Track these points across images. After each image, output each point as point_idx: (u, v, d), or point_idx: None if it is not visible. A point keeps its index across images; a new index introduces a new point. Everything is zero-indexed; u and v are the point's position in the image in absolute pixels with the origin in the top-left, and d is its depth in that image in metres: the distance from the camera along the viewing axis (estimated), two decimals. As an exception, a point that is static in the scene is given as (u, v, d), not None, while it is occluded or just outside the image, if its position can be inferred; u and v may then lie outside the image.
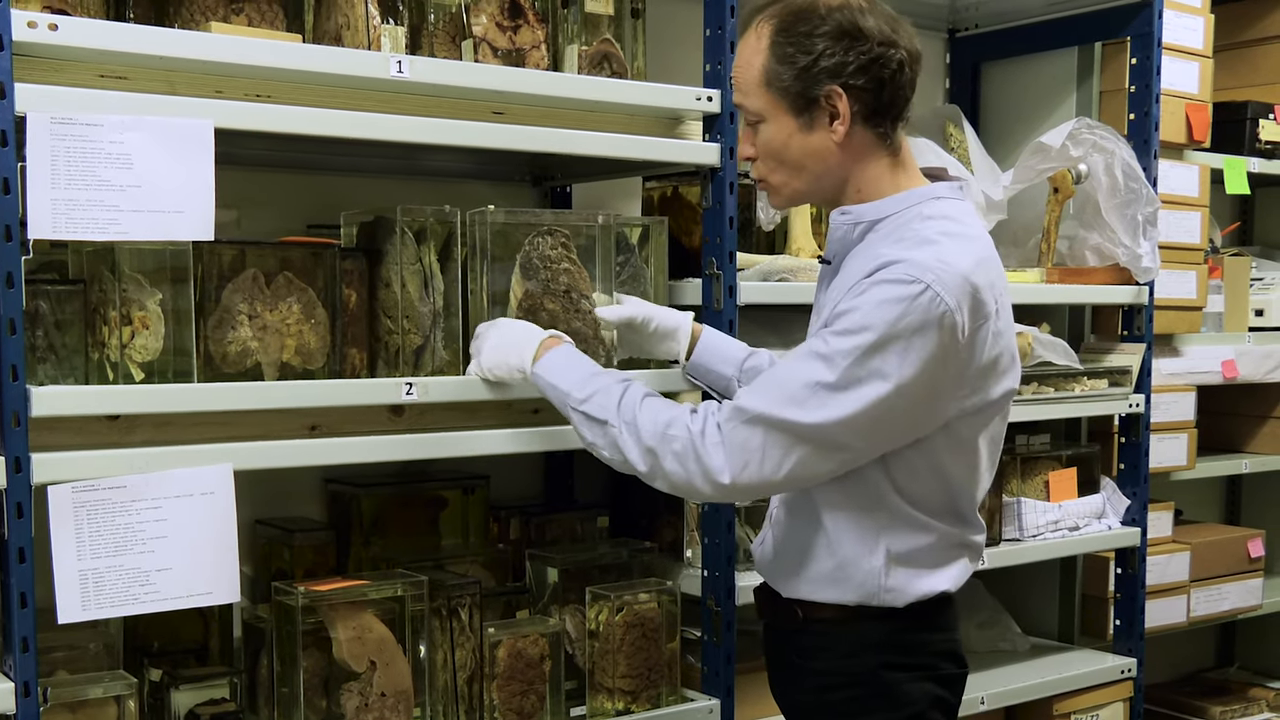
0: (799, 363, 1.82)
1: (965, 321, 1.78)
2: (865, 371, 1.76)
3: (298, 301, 2.09)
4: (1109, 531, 3.18)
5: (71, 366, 1.94)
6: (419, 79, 2.08)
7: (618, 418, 1.89)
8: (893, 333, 1.75)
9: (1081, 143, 3.09)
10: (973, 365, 1.83)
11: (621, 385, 1.93)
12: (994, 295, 1.84)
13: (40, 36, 1.78)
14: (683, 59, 2.63)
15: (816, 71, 1.84)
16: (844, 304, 1.80)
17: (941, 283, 1.76)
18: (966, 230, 1.88)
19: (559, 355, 2.02)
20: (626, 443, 1.88)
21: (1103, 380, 3.13)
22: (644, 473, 1.88)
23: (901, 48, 1.86)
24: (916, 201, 1.90)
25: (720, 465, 1.81)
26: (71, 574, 1.82)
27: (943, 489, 1.90)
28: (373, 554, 2.54)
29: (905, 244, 1.82)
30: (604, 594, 2.41)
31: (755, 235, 2.77)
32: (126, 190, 1.84)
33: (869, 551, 1.89)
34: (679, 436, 1.83)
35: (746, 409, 1.81)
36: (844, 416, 1.77)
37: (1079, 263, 3.23)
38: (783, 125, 1.89)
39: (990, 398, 1.88)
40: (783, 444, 1.79)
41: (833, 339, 1.78)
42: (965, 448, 1.90)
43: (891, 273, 1.77)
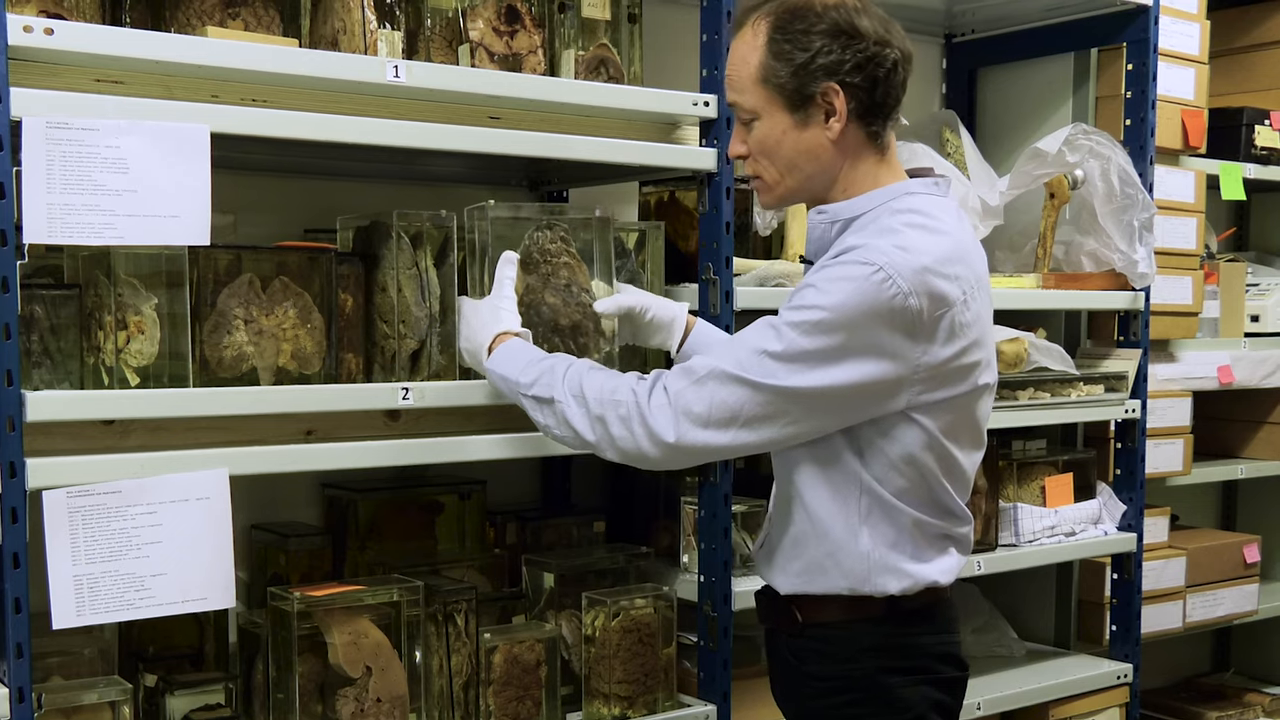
0: (751, 332, 1.86)
1: (923, 306, 1.79)
2: (811, 348, 1.78)
3: (294, 306, 2.09)
4: (1105, 537, 3.18)
5: (67, 371, 1.94)
6: (415, 84, 2.08)
7: (563, 392, 1.90)
8: (842, 313, 1.78)
9: (1078, 148, 3.09)
10: (931, 353, 1.82)
11: (566, 361, 1.94)
12: (960, 287, 1.84)
13: (36, 41, 1.78)
14: (679, 64, 2.63)
15: (814, 69, 1.85)
16: (802, 283, 1.85)
17: (894, 266, 1.78)
18: (936, 225, 1.88)
19: (506, 349, 2.02)
20: (574, 415, 1.89)
21: (1099, 386, 3.13)
22: (593, 443, 1.89)
23: (895, 47, 1.89)
24: (890, 198, 1.92)
25: (665, 426, 1.83)
26: (66, 579, 1.82)
27: (918, 480, 1.90)
28: (369, 559, 2.54)
29: (868, 233, 1.86)
30: (600, 599, 2.40)
31: (752, 240, 2.77)
32: (122, 195, 1.84)
33: (853, 537, 1.90)
34: (624, 401, 1.85)
35: (694, 370, 1.84)
36: (787, 386, 1.80)
37: (1075, 268, 3.23)
38: (777, 122, 1.90)
39: (955, 391, 1.87)
40: (728, 406, 1.81)
41: (786, 312, 1.82)
42: (934, 441, 1.89)
43: (848, 256, 1.81)
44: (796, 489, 1.94)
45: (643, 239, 2.50)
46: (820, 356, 1.79)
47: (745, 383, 1.81)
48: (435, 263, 2.23)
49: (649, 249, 2.49)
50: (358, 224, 2.29)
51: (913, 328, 1.80)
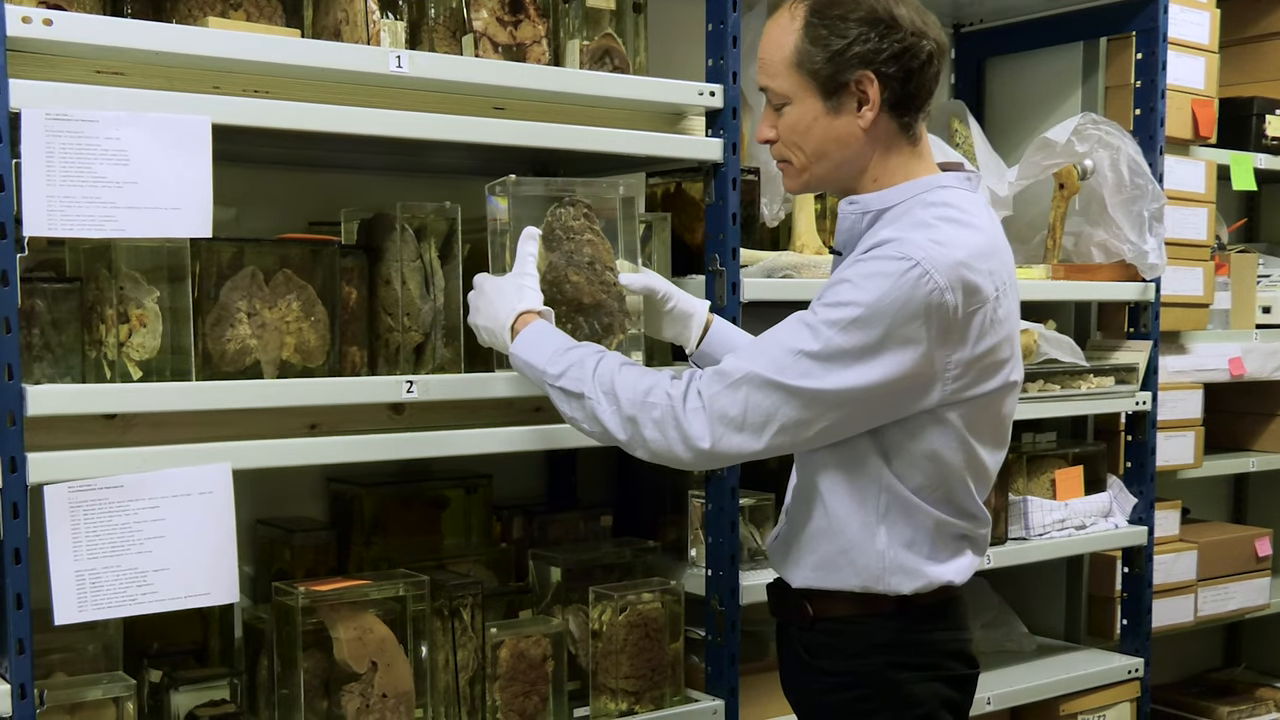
0: (785, 331, 1.82)
1: (958, 302, 1.77)
2: (848, 345, 1.76)
3: (297, 299, 2.08)
4: (1115, 530, 3.16)
5: (68, 365, 1.92)
6: (419, 74, 2.06)
7: (594, 388, 1.87)
8: (879, 308, 1.75)
9: (1087, 138, 3.07)
10: (965, 349, 1.81)
11: (596, 355, 1.91)
12: (993, 282, 1.83)
13: (35, 32, 1.76)
14: (685, 54, 2.61)
15: (850, 56, 1.84)
16: (835, 277, 1.82)
17: (931, 261, 1.76)
18: (969, 219, 1.86)
19: (532, 332, 1.97)
20: (605, 412, 1.86)
21: (1109, 378, 3.11)
22: (624, 441, 1.87)
23: (931, 39, 1.87)
24: (922, 190, 1.90)
25: (700, 431, 1.80)
26: (68, 575, 1.80)
27: (940, 478, 1.88)
28: (374, 554, 2.52)
29: (901, 226, 1.83)
30: (607, 594, 2.39)
31: (759, 231, 2.75)
32: (123, 187, 1.82)
33: (870, 535, 1.88)
34: (658, 404, 1.82)
35: (729, 373, 1.81)
36: (825, 386, 1.77)
37: (1085, 259, 3.21)
38: (809, 108, 1.88)
39: (986, 388, 1.86)
40: (765, 408, 1.79)
41: (820, 309, 1.80)
42: (960, 439, 1.87)
43: (883, 250, 1.79)
44: (815, 484, 1.92)
45: (648, 231, 2.48)
46: (857, 354, 1.76)
47: (781, 387, 1.78)
48: (440, 255, 2.21)
49: (654, 241, 2.47)
50: (362, 216, 2.28)
51: (948, 323, 1.78)
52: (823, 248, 2.76)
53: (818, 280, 2.52)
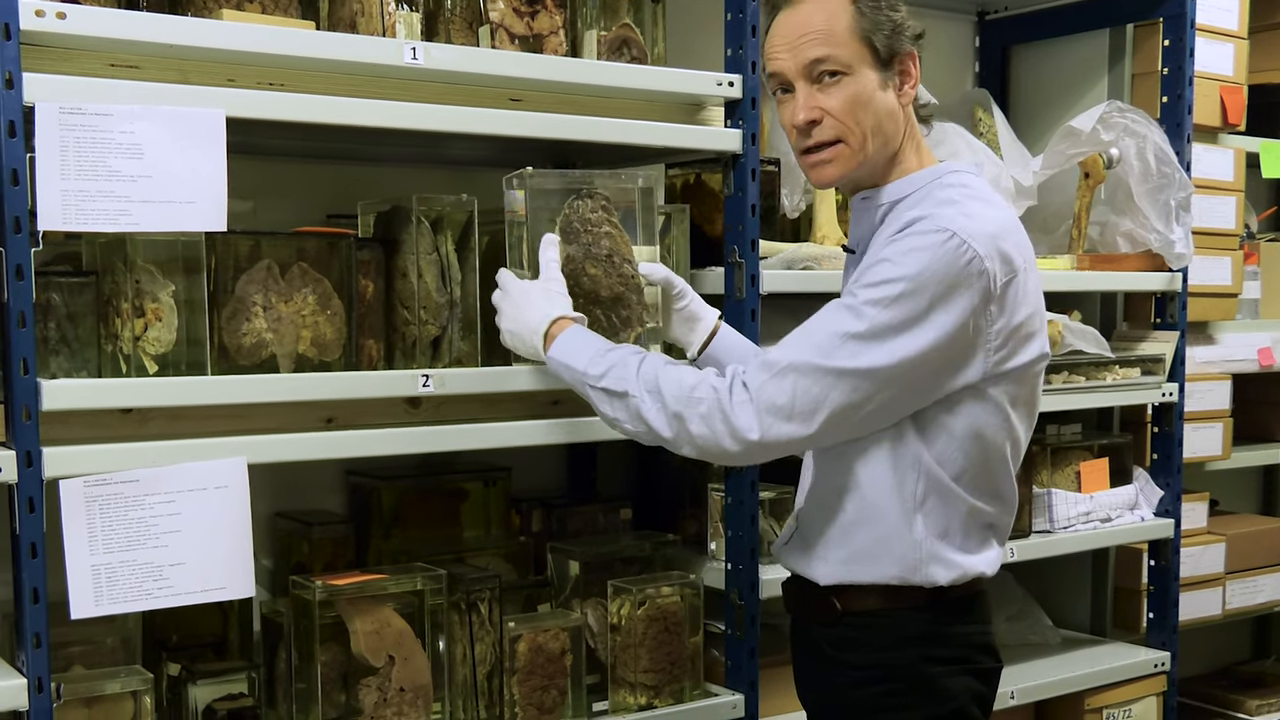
0: (827, 315, 1.82)
1: (996, 270, 1.78)
2: (895, 319, 1.75)
3: (313, 292, 2.07)
4: (1142, 523, 3.13)
5: (84, 359, 1.92)
6: (434, 66, 2.05)
7: (638, 386, 1.86)
8: (921, 280, 1.75)
9: (1113, 126, 3.04)
10: (1003, 319, 1.82)
11: (638, 355, 1.90)
12: (1021, 254, 1.84)
13: (49, 25, 1.76)
14: (704, 44, 2.59)
15: (904, 32, 1.88)
16: (872, 258, 1.81)
17: (967, 231, 1.77)
18: (990, 198, 1.89)
19: (570, 337, 1.97)
20: (650, 410, 1.84)
21: (1135, 369, 3.08)
22: (669, 439, 1.85)
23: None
24: (935, 177, 1.91)
25: (749, 423, 1.78)
26: (84, 569, 1.80)
27: (981, 460, 1.88)
28: (393, 546, 2.52)
29: (927, 205, 1.84)
30: (626, 587, 2.38)
31: (780, 223, 2.73)
32: (137, 181, 1.82)
33: (907, 524, 1.87)
34: (705, 398, 1.81)
35: (774, 362, 1.80)
36: (874, 365, 1.76)
37: (1110, 249, 3.17)
38: (868, 80, 1.88)
39: (1023, 359, 1.86)
40: (812, 396, 1.77)
41: (861, 291, 1.79)
42: (1000, 413, 1.87)
43: (917, 227, 1.79)
44: (850, 475, 1.90)
45: (667, 223, 2.46)
46: (903, 326, 1.76)
47: (829, 370, 1.77)
48: (457, 247, 2.20)
49: (674, 232, 2.45)
50: (379, 209, 2.27)
51: (988, 291, 1.78)
52: (844, 238, 2.74)
53: (837, 272, 2.50)
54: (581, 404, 2.21)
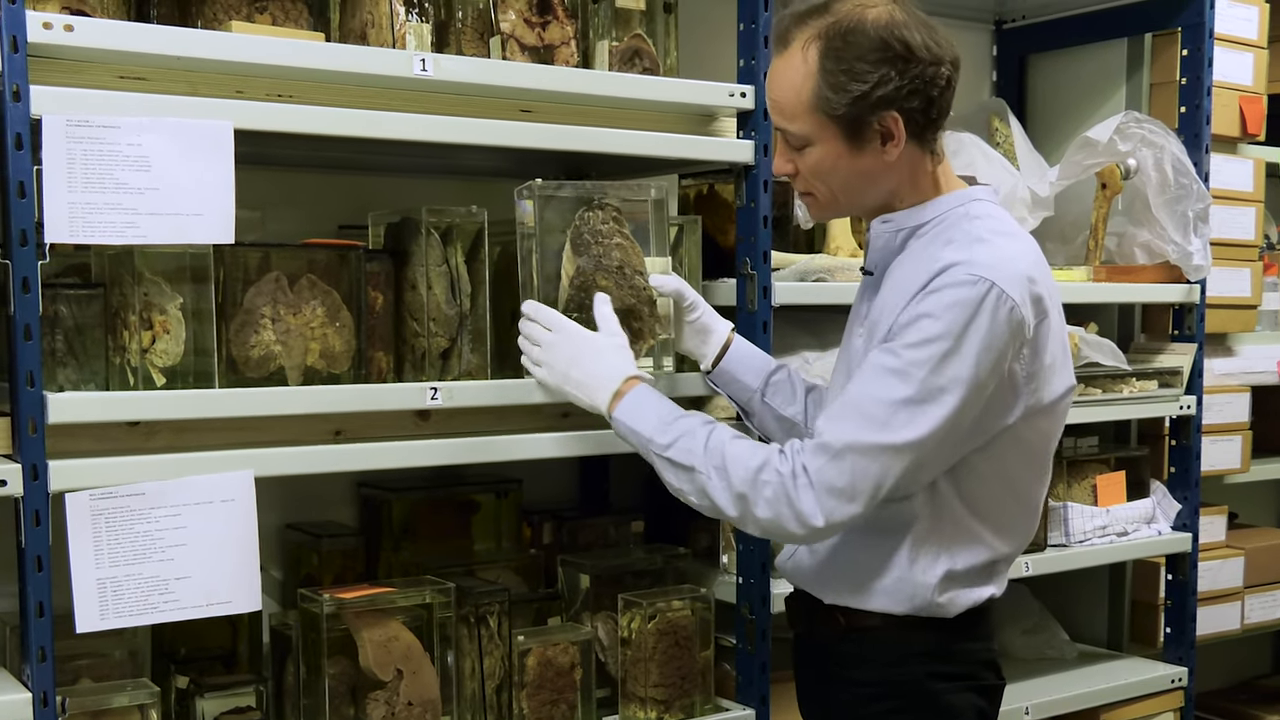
0: (872, 383, 1.76)
1: (1029, 317, 1.77)
2: (944, 379, 1.72)
3: (321, 305, 2.06)
4: (1159, 537, 3.10)
5: (92, 371, 1.92)
6: (444, 77, 2.05)
7: (705, 462, 1.82)
8: (964, 336, 1.72)
9: (1130, 137, 3.01)
10: (1037, 362, 1.81)
11: (706, 428, 1.86)
12: (1049, 292, 1.83)
13: (56, 38, 1.75)
14: (716, 54, 2.58)
15: (873, 100, 1.79)
16: (907, 314, 1.76)
17: (1004, 280, 1.74)
18: (1014, 230, 1.87)
19: (637, 399, 1.93)
20: (716, 488, 1.81)
21: (1152, 381, 3.05)
22: (734, 518, 1.83)
23: (947, 62, 1.83)
24: (959, 203, 1.87)
25: (812, 508, 1.75)
26: (89, 582, 1.80)
27: (1012, 497, 1.87)
28: (403, 559, 2.51)
29: (958, 245, 1.79)
30: (636, 601, 2.36)
31: (793, 233, 2.71)
32: (144, 193, 1.82)
33: (927, 568, 1.85)
34: (770, 481, 1.77)
35: (831, 444, 1.75)
36: (932, 429, 1.73)
37: (1128, 260, 3.15)
38: (831, 149, 1.84)
39: (1053, 395, 1.85)
40: (873, 474, 1.74)
41: (904, 351, 1.74)
42: (1031, 450, 1.87)
43: (954, 275, 1.74)
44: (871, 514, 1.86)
45: (680, 234, 2.45)
46: (951, 385, 1.73)
47: (887, 448, 1.73)
48: (467, 259, 2.19)
49: (685, 244, 2.43)
50: (389, 220, 2.26)
51: (1023, 339, 1.77)
52: (858, 250, 2.72)
53: (851, 284, 2.48)
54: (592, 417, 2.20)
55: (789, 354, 2.53)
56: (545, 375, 2.02)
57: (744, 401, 2.23)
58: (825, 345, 2.62)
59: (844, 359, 1.99)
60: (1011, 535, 1.91)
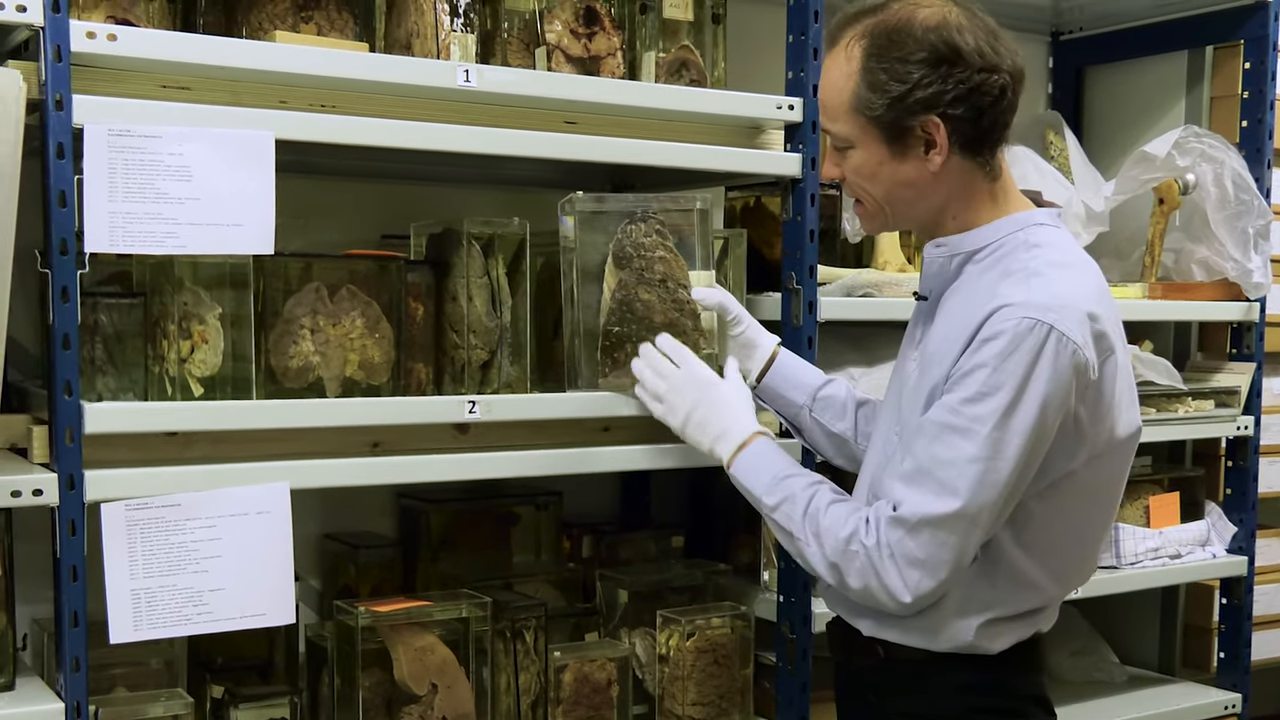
0: (936, 443, 1.70)
1: (1092, 359, 1.69)
2: (1009, 433, 1.66)
3: (361, 315, 2.05)
4: (1213, 560, 3.03)
5: (131, 380, 1.92)
6: (487, 88, 2.03)
7: (804, 529, 1.81)
8: (1026, 386, 1.66)
9: (1188, 152, 2.95)
10: (1102, 403, 1.73)
11: (808, 492, 1.83)
12: (1113, 327, 1.75)
13: (99, 47, 1.75)
14: (764, 66, 2.54)
15: (911, 102, 1.73)
16: (965, 363, 1.70)
17: (1064, 322, 1.66)
18: (1075, 259, 1.79)
19: (754, 456, 1.92)
20: (813, 555, 1.80)
21: (1209, 401, 2.99)
22: (832, 583, 1.81)
23: (1004, 71, 1.75)
24: (1017, 229, 1.80)
25: (897, 584, 1.72)
26: (124, 593, 1.79)
27: (1073, 542, 1.81)
28: (441, 570, 2.49)
29: (1013, 280, 1.72)
30: (675, 618, 2.33)
31: (840, 248, 2.67)
32: (185, 203, 1.81)
33: (972, 613, 1.78)
34: (858, 553, 1.74)
35: (906, 518, 1.71)
36: (1003, 485, 1.68)
37: (1185, 277, 3.08)
38: (873, 153, 1.79)
39: (1119, 436, 1.78)
40: (952, 543, 1.70)
41: (965, 408, 1.68)
42: (1094, 494, 1.80)
43: (1010, 319, 1.67)
44: None
45: (725, 247, 2.42)
46: (1017, 437, 1.66)
47: (961, 516, 1.68)
48: (508, 270, 2.17)
49: (730, 257, 2.41)
50: (431, 230, 2.25)
51: (1086, 381, 1.70)
52: (907, 265, 2.68)
53: (899, 300, 2.45)
54: (633, 431, 2.19)
55: (835, 370, 2.49)
56: (664, 412, 2.03)
57: (791, 417, 2.19)
58: (872, 361, 2.58)
59: (896, 381, 1.94)
60: (1068, 580, 1.85)
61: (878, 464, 1.88)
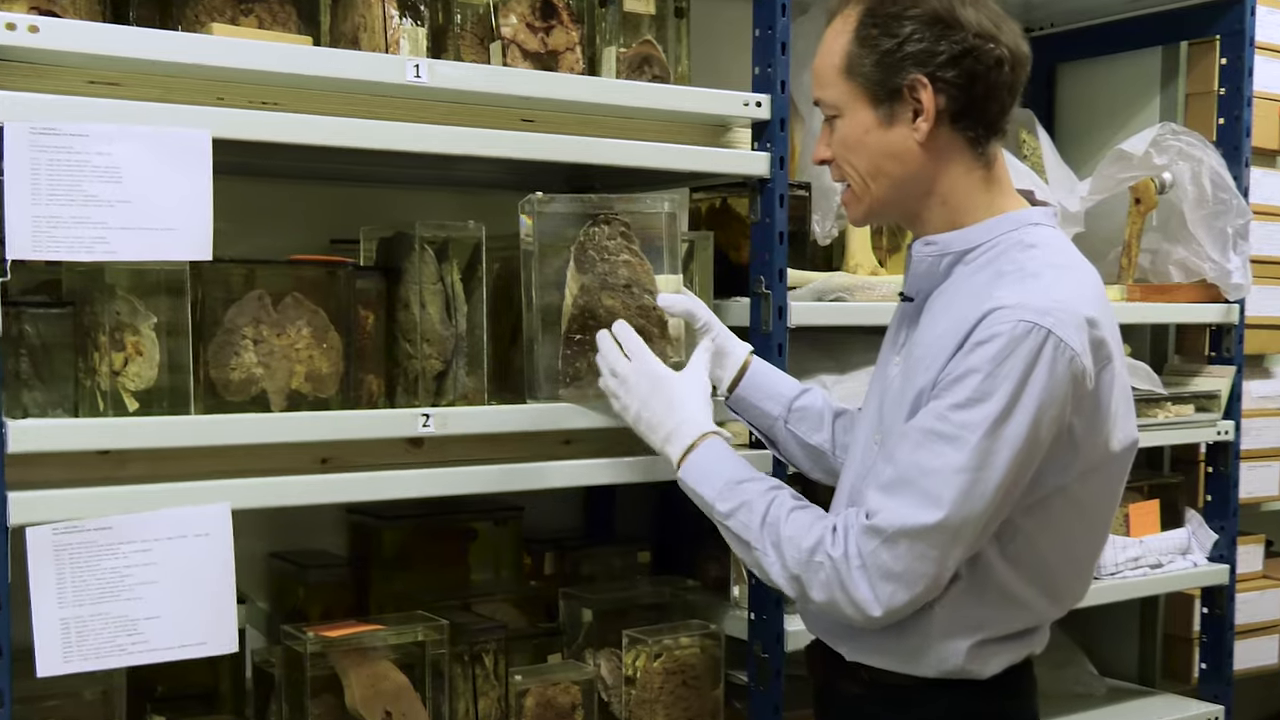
0: (920, 450, 1.60)
1: (1089, 366, 1.60)
2: (1000, 443, 1.56)
3: (307, 324, 1.94)
4: (1194, 569, 2.96)
5: (61, 395, 1.80)
6: (439, 84, 1.92)
7: (761, 538, 1.70)
8: (1020, 393, 1.56)
9: (1166, 150, 2.89)
10: (1099, 414, 1.64)
11: (766, 498, 1.72)
12: (1111, 333, 1.66)
13: (20, 39, 1.63)
14: (730, 61, 2.45)
15: (901, 57, 1.66)
16: (955, 367, 1.60)
17: (1061, 326, 1.57)
18: (1072, 261, 1.70)
19: (706, 456, 1.81)
20: (771, 566, 1.69)
21: (1188, 405, 2.92)
22: (793, 597, 1.71)
23: (1002, 44, 1.67)
24: (1012, 228, 1.71)
25: (867, 597, 1.61)
26: (52, 623, 1.67)
27: (1064, 561, 1.71)
28: (396, 590, 2.38)
29: (1009, 281, 1.63)
30: (641, 638, 2.24)
31: (810, 250, 2.58)
32: (115, 206, 1.70)
33: (960, 636, 1.68)
34: (823, 564, 1.64)
35: (882, 527, 1.60)
36: (990, 498, 1.58)
37: (1162, 279, 3.02)
38: (860, 119, 1.71)
39: (1114, 450, 1.68)
40: (932, 556, 1.59)
41: (954, 414, 1.58)
42: (1087, 511, 1.71)
43: (1005, 322, 1.57)
44: None
45: (691, 251, 2.33)
46: (1007, 449, 1.56)
47: (943, 528, 1.58)
48: (463, 276, 2.07)
49: (696, 261, 2.31)
50: (382, 234, 2.14)
51: (1082, 390, 1.60)
52: (879, 268, 2.59)
53: (871, 304, 2.36)
54: (596, 443, 2.09)
55: (806, 378, 2.39)
56: (619, 409, 1.93)
57: (765, 429, 2.10)
58: (845, 368, 2.49)
59: (876, 387, 1.84)
60: (1060, 597, 1.75)
61: (857, 474, 1.78)
